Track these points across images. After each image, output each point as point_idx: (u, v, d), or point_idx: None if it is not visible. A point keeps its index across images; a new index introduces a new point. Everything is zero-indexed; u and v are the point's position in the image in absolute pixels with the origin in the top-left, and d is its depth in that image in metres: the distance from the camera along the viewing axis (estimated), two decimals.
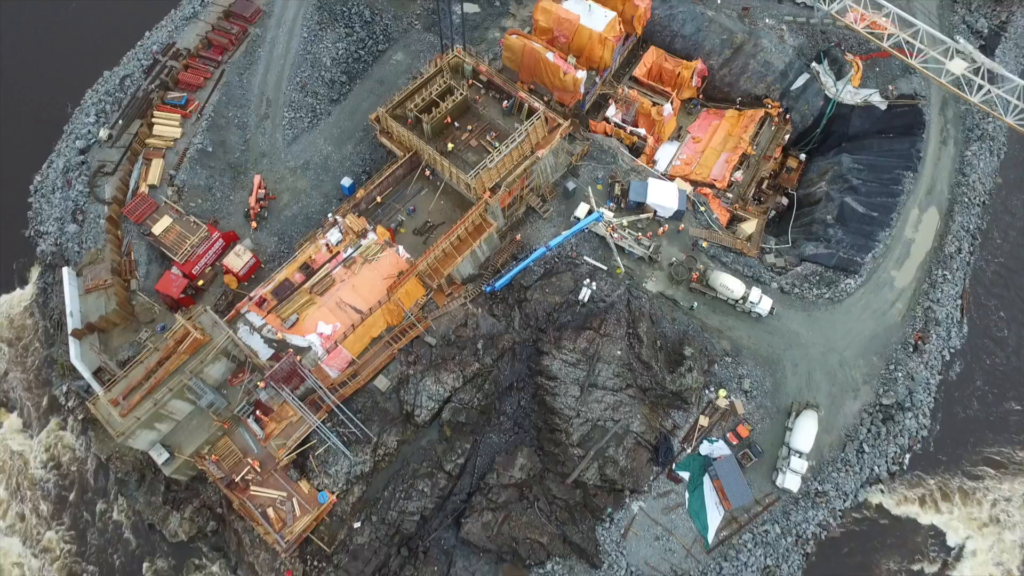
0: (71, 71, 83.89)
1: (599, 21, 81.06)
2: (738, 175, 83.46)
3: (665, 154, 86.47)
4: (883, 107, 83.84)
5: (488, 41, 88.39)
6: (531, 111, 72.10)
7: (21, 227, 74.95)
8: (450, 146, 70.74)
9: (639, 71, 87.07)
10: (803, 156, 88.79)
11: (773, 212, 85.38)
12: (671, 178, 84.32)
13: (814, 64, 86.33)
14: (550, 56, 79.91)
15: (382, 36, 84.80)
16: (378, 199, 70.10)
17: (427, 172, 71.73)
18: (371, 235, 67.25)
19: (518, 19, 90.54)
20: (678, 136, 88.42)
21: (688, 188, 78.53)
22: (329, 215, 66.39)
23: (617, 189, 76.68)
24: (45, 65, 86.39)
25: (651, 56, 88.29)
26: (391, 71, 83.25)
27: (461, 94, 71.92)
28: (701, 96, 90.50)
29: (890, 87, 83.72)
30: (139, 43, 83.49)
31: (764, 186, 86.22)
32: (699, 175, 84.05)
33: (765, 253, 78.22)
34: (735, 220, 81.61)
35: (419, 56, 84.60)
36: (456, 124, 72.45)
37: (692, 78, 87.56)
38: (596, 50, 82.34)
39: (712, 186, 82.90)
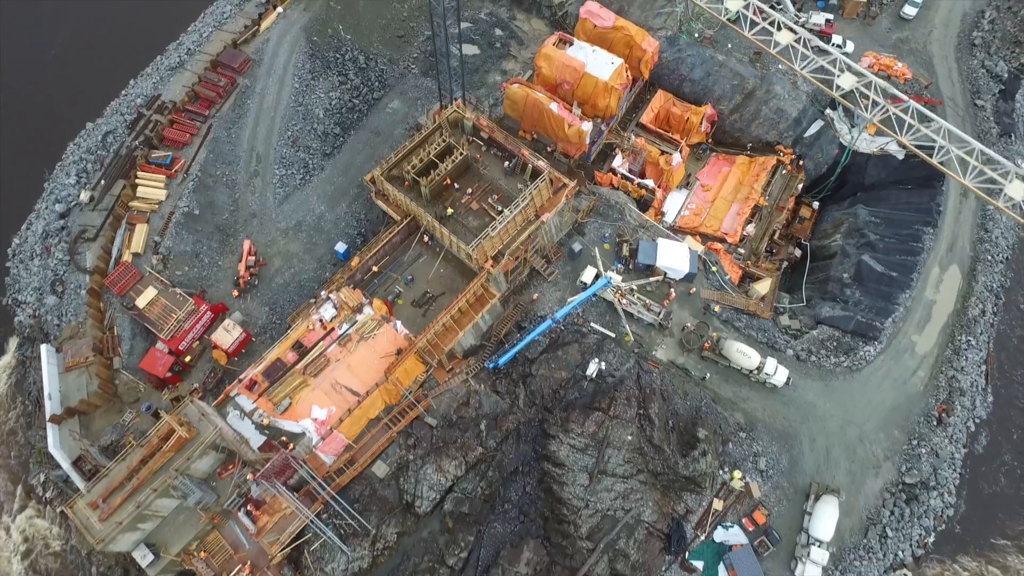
0: (52, 121, 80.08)
1: (605, 69, 77.43)
2: (750, 229, 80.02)
3: (674, 203, 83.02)
4: (900, 156, 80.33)
5: (488, 85, 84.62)
6: (535, 172, 68.59)
7: None
8: (449, 211, 67.17)
9: (646, 117, 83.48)
10: (816, 204, 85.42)
11: (785, 263, 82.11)
12: (680, 230, 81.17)
13: (828, 111, 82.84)
14: (554, 108, 76.28)
15: (377, 83, 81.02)
16: (374, 268, 66.57)
17: (425, 239, 68.21)
18: (367, 310, 63.69)
19: (519, 60, 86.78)
20: (687, 183, 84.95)
21: (699, 248, 75.08)
22: (323, 292, 62.72)
23: (625, 249, 73.15)
24: (25, 115, 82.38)
25: (659, 101, 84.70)
26: (387, 120, 79.51)
27: (461, 154, 68.29)
28: (710, 140, 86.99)
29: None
30: (123, 92, 79.64)
31: (776, 236, 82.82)
32: (709, 227, 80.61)
33: (779, 314, 74.91)
34: (747, 277, 78.34)
35: (416, 103, 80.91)
36: (456, 185, 68.83)
37: (701, 123, 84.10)
38: (602, 99, 78.76)
39: (723, 240, 79.49)
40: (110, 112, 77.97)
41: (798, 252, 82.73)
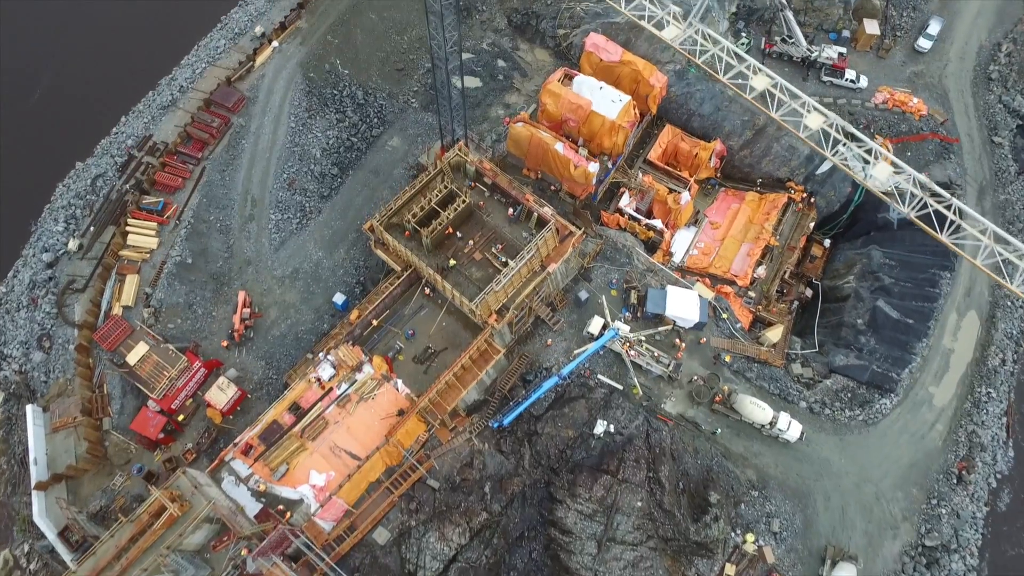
0: (41, 161, 77.32)
1: (612, 107, 74.83)
2: (761, 271, 77.69)
3: (682, 241, 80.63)
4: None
5: (491, 119, 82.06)
6: (541, 220, 66.18)
7: None
8: (452, 262, 64.79)
9: (654, 154, 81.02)
10: (828, 242, 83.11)
11: (796, 303, 79.83)
12: (688, 270, 78.85)
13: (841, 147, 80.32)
14: (559, 148, 73.82)
15: (376, 119, 78.39)
16: (374, 323, 64.16)
17: (427, 291, 65.79)
18: (367, 368, 61.28)
19: (523, 93, 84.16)
20: (695, 221, 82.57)
21: (709, 294, 72.68)
22: (320, 355, 60.29)
23: (633, 296, 70.78)
24: (12, 154, 79.59)
25: (667, 135, 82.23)
26: (386, 159, 76.95)
27: (464, 202, 65.85)
28: (719, 176, 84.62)
29: (923, 174, 77.86)
30: (114, 130, 76.92)
31: (787, 276, 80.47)
32: (719, 268, 78.25)
33: (791, 361, 72.63)
34: (758, 322, 76.03)
35: (416, 140, 78.33)
36: (458, 234, 66.42)
37: (710, 159, 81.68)
38: (608, 137, 76.22)
39: (733, 283, 77.15)
40: (100, 151, 75.26)
41: (809, 292, 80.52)
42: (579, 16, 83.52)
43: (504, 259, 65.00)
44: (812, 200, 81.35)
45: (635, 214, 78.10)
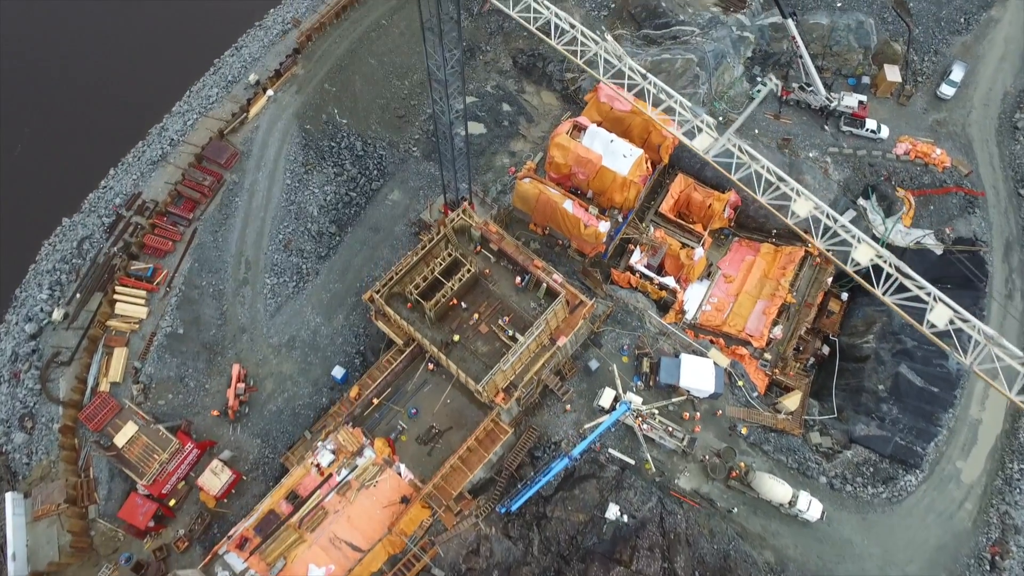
0: (25, 216, 73.93)
1: (624, 162, 71.56)
2: (777, 331, 74.49)
3: (694, 296, 77.40)
4: (938, 251, 74.96)
5: (496, 168, 78.72)
6: (550, 290, 62.99)
7: None
8: (456, 337, 61.62)
9: (666, 206, 77.68)
10: (845, 296, 79.98)
11: (812, 360, 76.82)
12: (701, 327, 75.72)
13: (861, 200, 77.21)
14: (568, 206, 70.56)
15: (376, 171, 75.01)
16: (375, 401, 61.02)
17: (431, 366, 62.63)
18: (368, 452, 58.20)
19: (529, 140, 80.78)
20: (708, 273, 79.37)
21: (724, 361, 69.55)
22: (319, 443, 57.11)
23: (645, 364, 67.65)
24: None
25: (679, 186, 78.87)
26: (387, 214, 73.62)
27: (468, 271, 62.61)
28: (732, 225, 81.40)
29: (946, 229, 74.85)
30: (102, 183, 73.61)
31: (803, 332, 77.35)
32: (733, 327, 75.07)
33: (810, 429, 69.63)
34: (774, 385, 72.98)
35: (418, 194, 74.99)
36: (463, 304, 63.22)
37: (724, 210, 78.44)
38: (620, 193, 73.00)
39: (748, 343, 74.04)
40: (87, 207, 71.93)
41: (826, 349, 77.44)
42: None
43: (512, 332, 61.86)
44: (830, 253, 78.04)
45: (647, 272, 74.90)
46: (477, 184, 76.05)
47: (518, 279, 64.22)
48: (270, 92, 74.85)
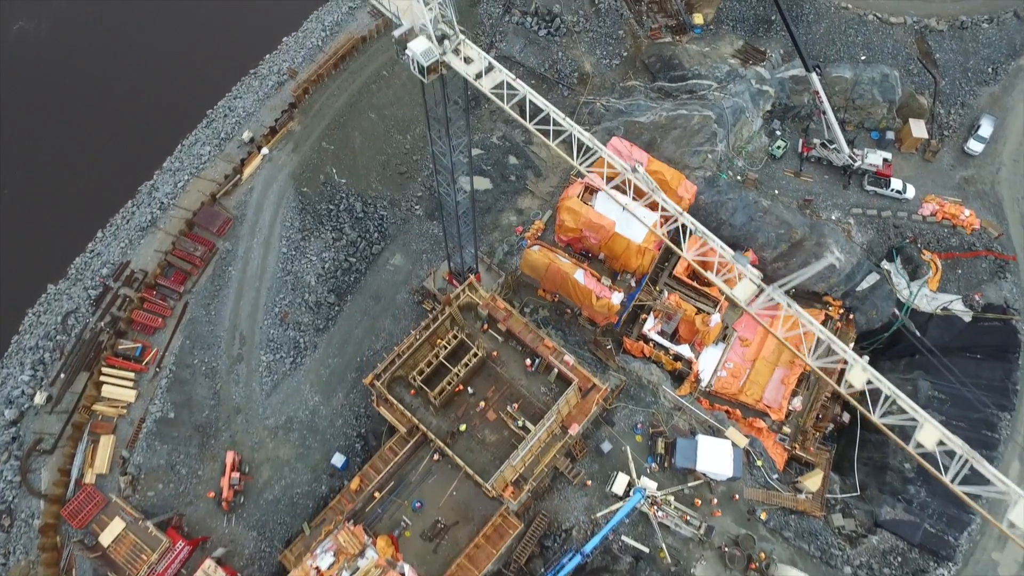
0: (9, 282, 70.40)
1: (639, 229, 68.05)
2: (796, 403, 71.25)
3: (709, 360, 73.95)
4: (967, 318, 71.65)
5: (502, 227, 75.14)
6: (562, 377, 59.65)
7: None
8: (462, 427, 58.33)
9: (680, 268, 74.20)
10: (866, 359, 76.56)
11: (832, 426, 73.69)
12: (716, 395, 72.49)
13: (885, 262, 73.78)
14: (580, 277, 67.16)
15: (376, 234, 71.41)
16: (376, 495, 57.70)
17: (436, 457, 59.26)
18: (370, 553, 54.83)
19: (537, 196, 77.14)
20: (723, 336, 75.98)
21: (742, 441, 66.26)
22: (318, 549, 53.74)
23: (660, 445, 64.36)
24: None
25: (694, 244, 75.25)
26: (388, 281, 70.08)
27: (475, 355, 59.24)
28: None
29: (975, 295, 71.45)
30: (89, 247, 69.93)
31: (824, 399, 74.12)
32: (750, 396, 71.74)
33: (832, 510, 66.47)
34: (793, 460, 69.80)
35: (421, 258, 71.45)
36: (470, 389, 59.90)
37: None
38: (634, 259, 69.68)
39: (766, 415, 70.81)
40: (74, 274, 68.26)
41: (847, 417, 74.23)
42: (599, 112, 76.28)
43: (521, 421, 58.57)
44: (850, 316, 74.87)
45: (661, 340, 71.55)
46: (483, 244, 72.53)
47: (528, 362, 60.86)
48: (265, 150, 71.07)
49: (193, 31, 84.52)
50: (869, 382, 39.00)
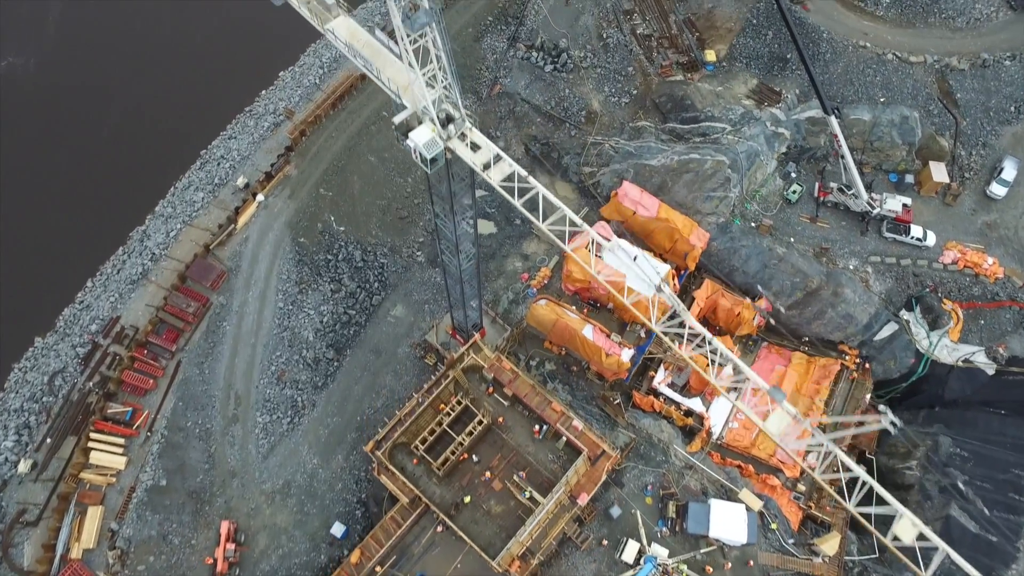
0: None
1: (649, 282, 65.32)
2: (811, 458, 68.55)
3: (720, 411, 71.49)
4: (990, 371, 69.07)
5: (507, 274, 72.44)
6: (571, 446, 57.15)
7: None
8: (467, 499, 55.82)
9: (692, 316, 71.46)
10: (883, 407, 73.88)
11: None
12: (728, 447, 70.01)
13: (904, 312, 71.11)
14: (589, 333, 64.48)
15: (377, 283, 68.76)
16: (378, 570, 55.17)
17: (439, 528, 56.69)
18: None
19: (543, 240, 74.32)
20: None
21: (757, 504, 63.71)
22: None
23: (671, 508, 61.83)
24: None
25: (705, 292, 72.58)
26: (389, 333, 67.46)
27: (480, 422, 56.74)
28: (761, 331, 75.37)
29: (999, 347, 68.85)
30: (79, 297, 67.30)
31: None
32: (763, 450, 69.20)
33: (850, 575, 64.06)
34: (809, 519, 67.31)
35: (422, 309, 68.84)
36: (475, 457, 57.35)
37: (754, 319, 72.44)
38: (644, 313, 66.79)
39: (779, 471, 68.32)
40: (62, 326, 65.61)
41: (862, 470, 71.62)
42: (608, 154, 73.53)
43: (528, 492, 56.04)
44: (867, 365, 72.27)
45: (671, 394, 69.00)
46: (487, 292, 69.89)
47: (536, 429, 58.33)
48: (260, 197, 68.34)
49: (186, 66, 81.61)
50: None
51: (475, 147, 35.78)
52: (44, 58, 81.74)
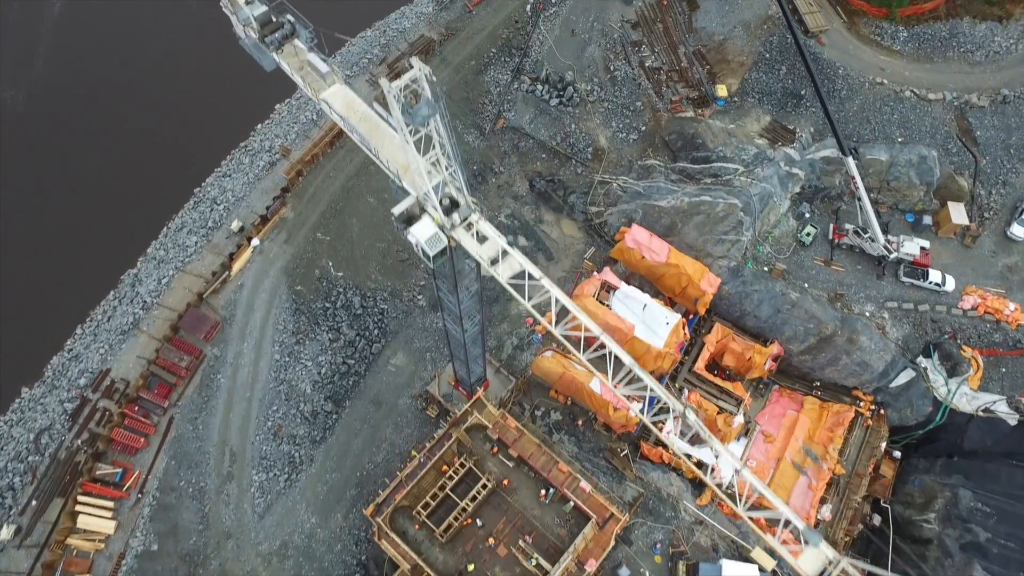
0: None
1: (659, 333, 63.25)
2: (825, 512, 66.49)
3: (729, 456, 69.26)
4: (1012, 421, 66.65)
5: (511, 318, 70.09)
6: (580, 511, 54.95)
7: None
8: (471, 567, 53.62)
9: (701, 363, 69.25)
10: (898, 454, 71.87)
11: (861, 528, 68.97)
12: (739, 496, 67.70)
13: (921, 358, 68.74)
14: (596, 387, 62.13)
15: (376, 331, 66.42)
16: None
17: None
18: None
19: None
20: (745, 431, 71.18)
21: (769, 563, 61.42)
22: None
23: (681, 568, 59.76)
24: None
25: (716, 336, 70.32)
26: (389, 383, 65.12)
27: (484, 486, 54.55)
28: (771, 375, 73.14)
29: (1021, 396, 66.48)
30: (68, 344, 65.15)
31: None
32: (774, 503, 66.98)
33: None
34: None
35: (424, 357, 66.47)
36: (479, 521, 55.13)
37: (765, 363, 70.14)
38: (653, 363, 64.71)
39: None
40: (50, 377, 63.48)
41: (877, 519, 69.51)
42: (615, 194, 71.08)
43: (535, 559, 53.86)
44: (882, 412, 69.99)
45: (681, 445, 66.53)
46: (490, 338, 67.63)
47: (543, 492, 56.11)
48: (256, 242, 65.91)
49: (179, 98, 79.01)
50: None
51: (481, 237, 33.36)
52: (34, 93, 79.26)
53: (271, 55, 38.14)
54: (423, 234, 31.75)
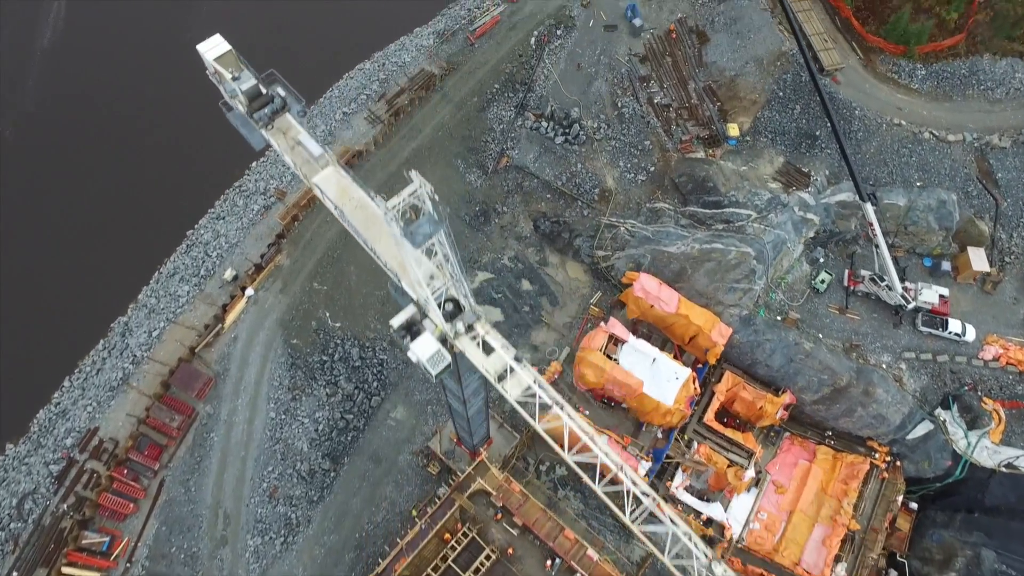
0: None
1: (668, 389, 61.01)
2: (840, 570, 64.27)
3: (740, 509, 67.08)
4: None
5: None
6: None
7: None
8: None
9: (711, 414, 66.97)
10: (914, 506, 69.60)
11: None
12: (749, 551, 65.65)
13: (940, 410, 66.42)
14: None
15: (376, 383, 64.11)
16: None
17: None
18: None
19: (553, 328, 69.67)
20: (756, 481, 68.95)
21: None
22: None
23: None
24: None
25: (726, 385, 68.02)
26: (389, 439, 62.85)
27: (488, 557, 52.32)
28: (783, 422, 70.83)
29: None
30: (55, 397, 62.90)
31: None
32: (787, 557, 64.80)
33: None
34: None
35: (424, 410, 64.24)
36: None
37: (777, 412, 67.84)
38: (662, 419, 62.57)
39: None
40: (36, 433, 61.26)
41: (894, 574, 67.34)
42: (623, 238, 68.58)
43: None
44: (898, 463, 67.71)
45: (691, 502, 64.55)
46: (492, 391, 65.15)
47: (548, 563, 53.90)
48: (250, 291, 63.56)
49: (172, 132, 76.19)
50: None
51: (487, 348, 30.96)
52: (18, 124, 76.64)
53: (260, 132, 35.59)
54: (424, 352, 29.38)
